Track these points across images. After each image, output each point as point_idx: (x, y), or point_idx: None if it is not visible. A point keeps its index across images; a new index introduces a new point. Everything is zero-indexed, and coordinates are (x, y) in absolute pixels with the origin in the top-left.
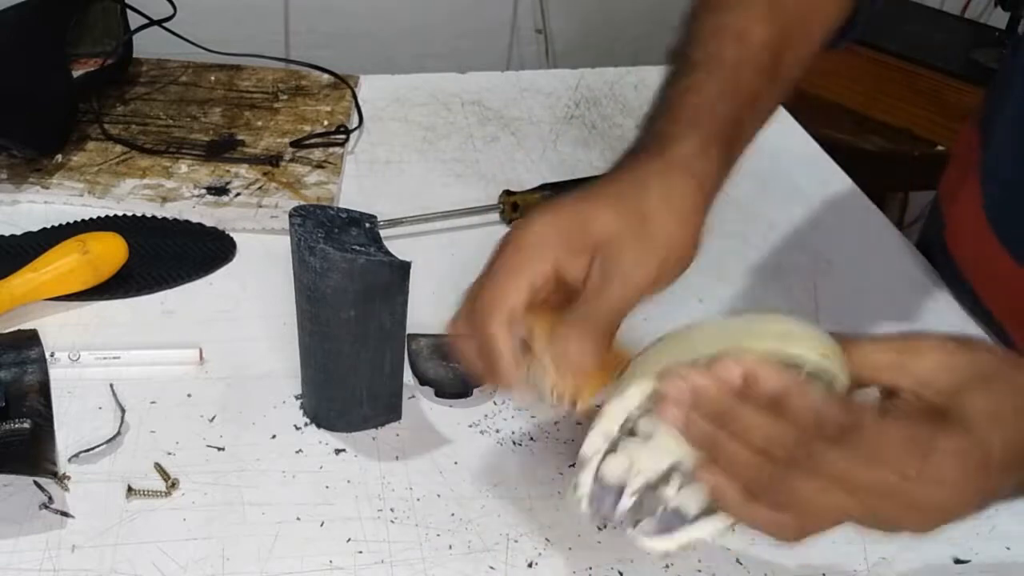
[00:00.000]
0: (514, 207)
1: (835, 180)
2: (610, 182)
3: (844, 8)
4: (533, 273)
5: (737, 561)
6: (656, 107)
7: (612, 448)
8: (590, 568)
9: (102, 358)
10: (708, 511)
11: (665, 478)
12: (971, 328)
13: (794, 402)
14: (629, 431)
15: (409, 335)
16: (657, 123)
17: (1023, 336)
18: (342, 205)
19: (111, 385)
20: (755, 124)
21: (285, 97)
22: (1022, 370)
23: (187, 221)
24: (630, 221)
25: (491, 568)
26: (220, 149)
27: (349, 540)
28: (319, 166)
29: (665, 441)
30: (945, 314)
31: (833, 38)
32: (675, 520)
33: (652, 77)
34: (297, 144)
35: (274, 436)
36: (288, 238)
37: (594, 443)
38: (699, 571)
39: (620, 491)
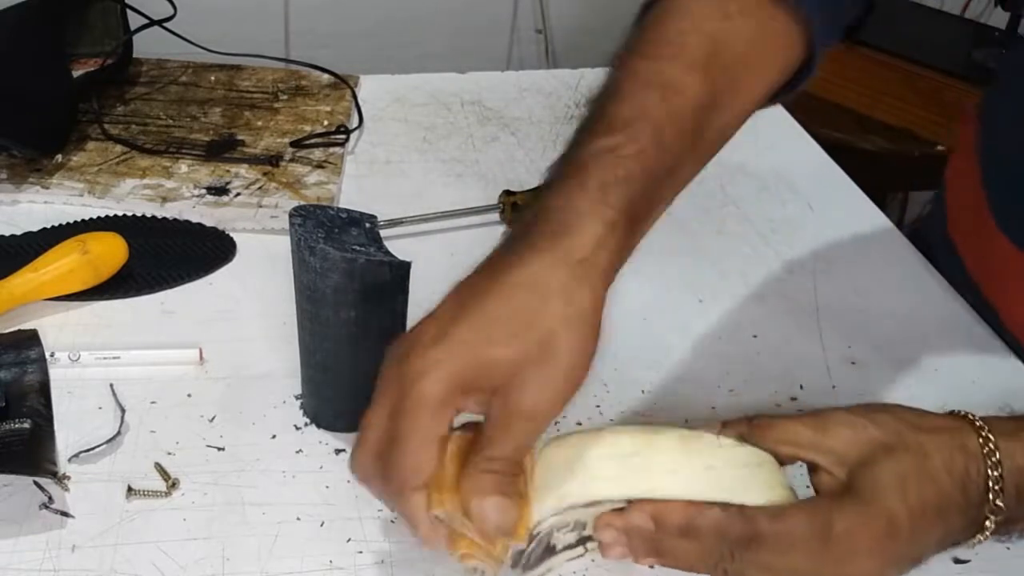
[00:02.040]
0: (514, 207)
1: (835, 180)
2: (506, 295)
3: (792, 58)
4: (439, 431)
5: None
6: (564, 164)
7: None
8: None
9: (102, 358)
10: (571, 545)
11: (561, 526)
12: (973, 327)
13: (699, 524)
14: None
15: None
16: (563, 190)
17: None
18: (342, 205)
19: (111, 385)
20: (669, 195)
21: (285, 97)
22: (926, 432)
23: (187, 221)
24: (530, 356)
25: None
26: (220, 149)
27: (349, 540)
28: (319, 166)
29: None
30: (945, 314)
31: (778, 90)
32: (547, 553)
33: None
34: (297, 144)
35: (274, 436)
36: (288, 238)
37: (548, 514)
38: None
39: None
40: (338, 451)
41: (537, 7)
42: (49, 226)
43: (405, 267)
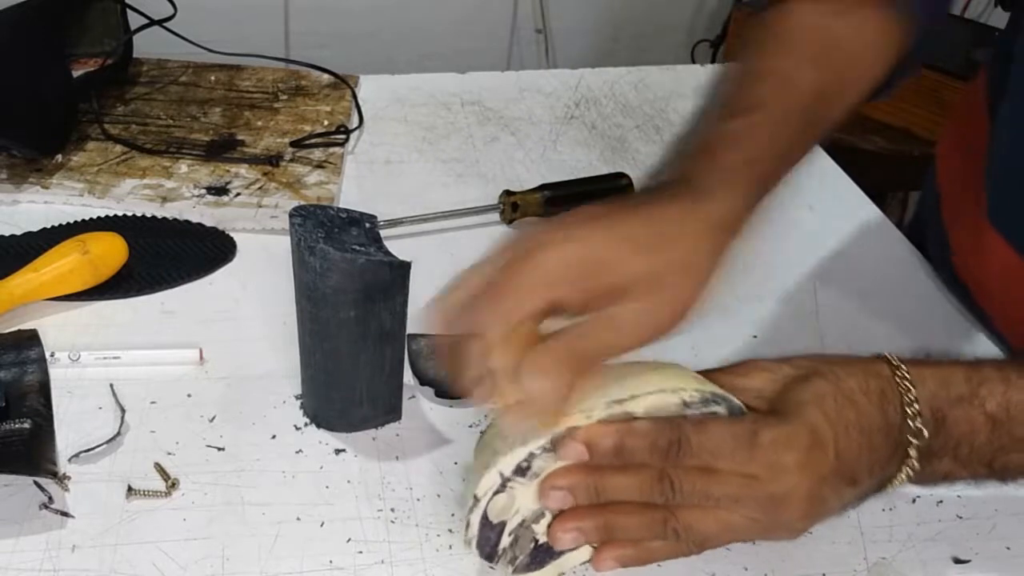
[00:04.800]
0: (514, 207)
1: (835, 180)
2: (637, 219)
3: (893, 56)
4: (545, 298)
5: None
6: (695, 142)
7: (501, 487)
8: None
9: (102, 358)
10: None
11: (538, 516)
12: (973, 327)
13: (629, 442)
14: (524, 469)
15: (409, 335)
16: (695, 163)
17: (1016, 330)
18: (342, 205)
19: (111, 385)
20: (786, 175)
21: (285, 97)
22: (840, 364)
23: (187, 221)
24: (649, 274)
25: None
26: (220, 149)
27: (349, 540)
28: (319, 166)
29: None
30: (945, 314)
31: (880, 85)
32: (545, 555)
33: (652, 77)
34: (297, 144)
35: (274, 436)
36: (288, 238)
37: (487, 483)
38: (700, 572)
39: (502, 529)
40: (338, 451)
41: (537, 7)
42: (49, 226)
43: (405, 267)
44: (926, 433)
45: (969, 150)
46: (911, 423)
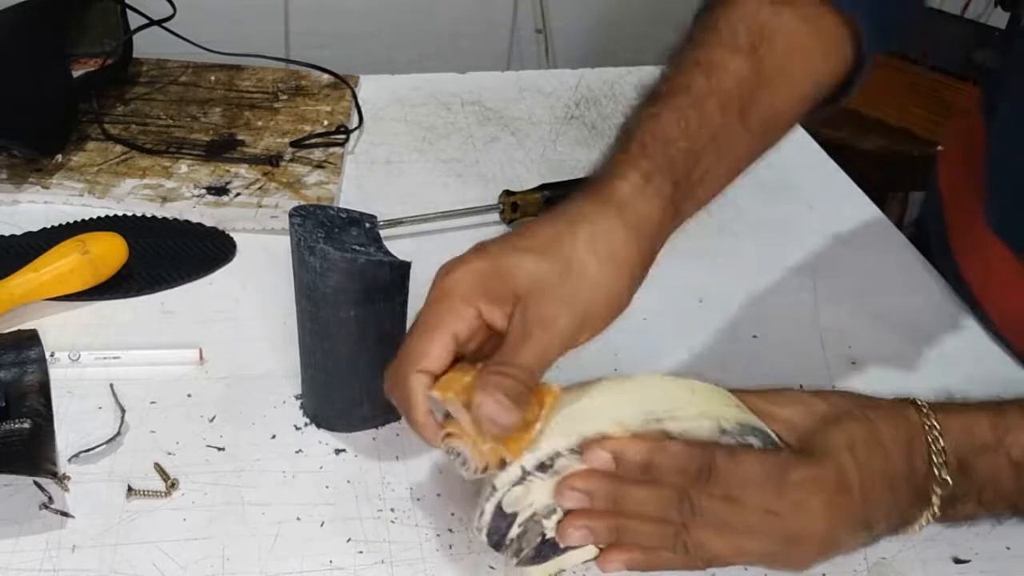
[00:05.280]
0: (514, 207)
1: (835, 180)
2: (542, 223)
3: (838, 63)
4: (454, 326)
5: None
6: (617, 134)
7: (520, 480)
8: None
9: (102, 358)
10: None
11: (550, 511)
12: (973, 327)
13: (658, 460)
14: (546, 466)
15: None
16: (613, 152)
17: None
18: (342, 205)
19: (111, 385)
20: (719, 165)
21: (285, 97)
22: (872, 408)
23: (187, 221)
24: (553, 269)
25: (491, 568)
26: (220, 149)
27: (349, 540)
28: (319, 166)
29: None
30: (945, 314)
31: (830, 94)
32: (549, 550)
33: (652, 77)
34: (297, 144)
35: (274, 436)
36: (288, 238)
37: (508, 476)
38: (699, 571)
39: (513, 520)
40: (338, 451)
41: (537, 7)
42: (49, 226)
43: (405, 267)
44: (950, 482)
45: (969, 152)
46: (937, 472)
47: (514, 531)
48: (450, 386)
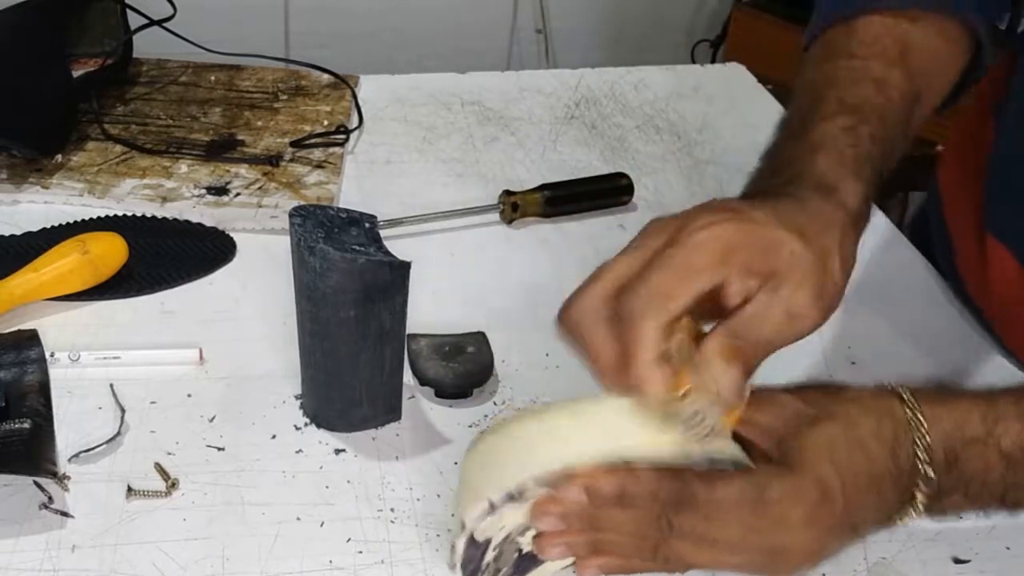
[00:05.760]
0: (514, 207)
1: None
2: (797, 207)
3: (962, 61)
4: (705, 280)
5: None
6: (795, 139)
7: (490, 512)
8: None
9: (102, 358)
10: None
11: (523, 529)
12: (973, 327)
13: (631, 491)
14: (514, 497)
15: (409, 335)
16: (810, 162)
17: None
18: (342, 205)
19: (111, 385)
20: (887, 176)
21: (285, 97)
22: (852, 402)
23: (187, 221)
24: (813, 259)
25: None
26: (220, 149)
27: (349, 540)
28: (319, 166)
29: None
30: (945, 314)
31: (953, 90)
32: (528, 563)
33: (652, 77)
34: (297, 144)
35: (274, 436)
36: (288, 238)
37: (476, 511)
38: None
39: (487, 546)
40: (338, 451)
41: (537, 7)
42: (49, 226)
43: (405, 267)
44: (934, 477)
45: (972, 153)
46: (922, 468)
47: (489, 555)
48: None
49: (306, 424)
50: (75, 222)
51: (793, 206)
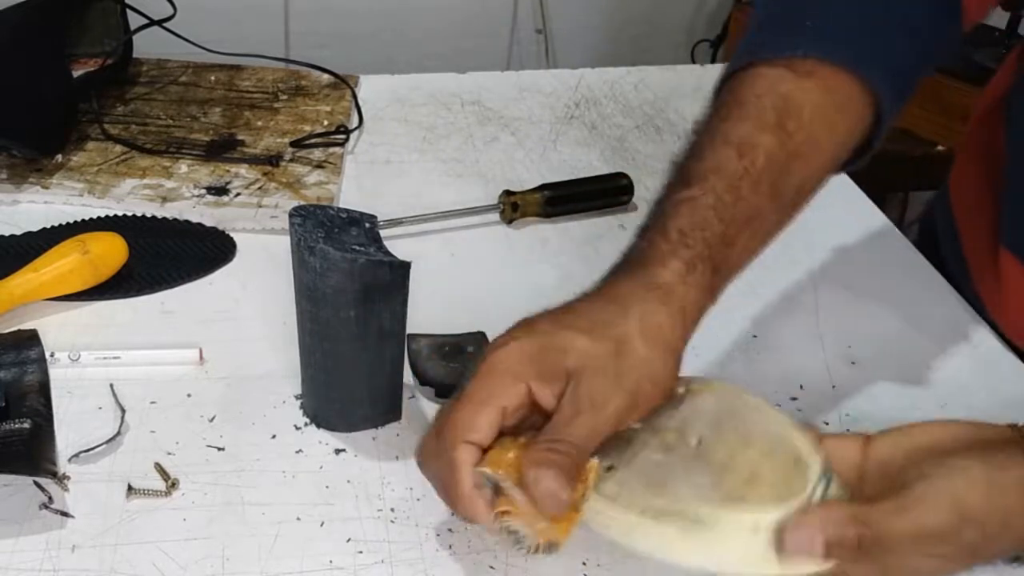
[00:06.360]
0: (514, 207)
1: (835, 180)
2: (589, 303)
3: (859, 127)
4: (504, 400)
5: None
6: (649, 218)
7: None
8: (584, 562)
9: (102, 358)
10: None
11: None
12: (973, 327)
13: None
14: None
15: (409, 335)
16: (646, 237)
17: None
18: (342, 205)
19: (111, 385)
20: (752, 244)
21: (285, 97)
22: (991, 450)
23: (187, 221)
24: (605, 349)
25: (491, 568)
26: (220, 149)
27: (349, 540)
28: (319, 166)
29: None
30: (945, 314)
31: (850, 156)
32: None
33: (652, 77)
34: (297, 144)
35: (274, 436)
36: (288, 238)
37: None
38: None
39: None
40: (338, 451)
41: (537, 7)
42: (49, 226)
43: (405, 267)
44: None
45: (986, 163)
46: None
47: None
48: (497, 462)
49: (306, 424)
50: (75, 222)
51: (586, 305)
